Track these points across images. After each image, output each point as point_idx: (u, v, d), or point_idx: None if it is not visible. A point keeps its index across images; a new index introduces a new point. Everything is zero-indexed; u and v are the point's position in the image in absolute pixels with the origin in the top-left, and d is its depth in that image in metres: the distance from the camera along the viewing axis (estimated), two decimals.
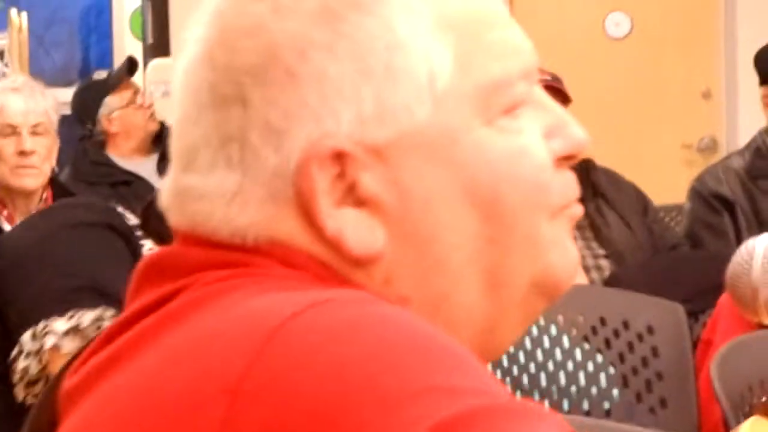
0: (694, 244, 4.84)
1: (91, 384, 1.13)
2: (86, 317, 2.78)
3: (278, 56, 1.15)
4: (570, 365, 3.54)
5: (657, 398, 3.57)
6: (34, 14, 9.01)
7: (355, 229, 1.14)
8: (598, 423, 3.14)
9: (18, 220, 4.57)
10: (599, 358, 3.56)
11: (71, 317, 2.81)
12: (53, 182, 4.78)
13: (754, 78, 5.50)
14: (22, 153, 4.56)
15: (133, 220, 3.09)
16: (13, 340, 2.87)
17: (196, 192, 1.17)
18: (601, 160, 5.01)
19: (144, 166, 6.26)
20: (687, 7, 7.89)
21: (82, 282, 2.84)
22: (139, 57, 8.11)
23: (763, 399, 2.76)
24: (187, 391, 1.03)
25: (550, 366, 3.56)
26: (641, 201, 4.85)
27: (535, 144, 1.20)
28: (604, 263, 4.36)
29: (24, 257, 2.93)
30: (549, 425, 0.98)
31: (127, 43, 9.52)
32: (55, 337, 2.78)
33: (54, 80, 8.80)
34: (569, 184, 1.23)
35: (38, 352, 2.77)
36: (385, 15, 1.16)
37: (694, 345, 3.69)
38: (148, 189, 6.03)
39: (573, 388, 3.51)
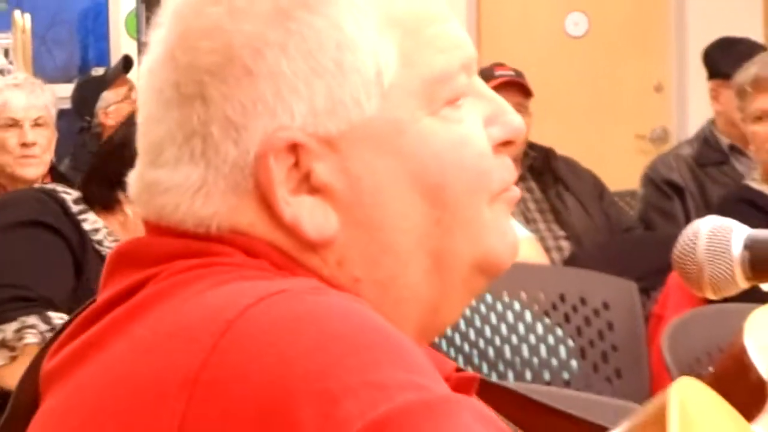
0: (647, 226, 4.86)
1: (66, 370, 1.13)
2: (9, 330, 2.71)
3: (235, 55, 1.15)
4: (532, 338, 3.54)
5: (612, 369, 3.57)
6: (36, 16, 8.99)
7: (311, 215, 1.15)
8: (559, 392, 3.14)
9: None
10: (559, 331, 3.57)
11: None
12: (52, 171, 4.78)
13: (702, 72, 5.53)
14: (24, 144, 4.58)
15: (73, 194, 2.97)
16: None
17: (163, 186, 1.17)
18: (561, 150, 5.03)
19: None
20: (640, 7, 7.95)
21: (3, 294, 2.75)
22: (134, 55, 8.12)
23: (710, 369, 2.76)
24: (151, 382, 1.03)
25: (514, 339, 3.55)
26: (598, 187, 4.87)
27: (475, 132, 1.21)
28: (564, 244, 4.36)
29: None
30: (471, 413, 0.98)
31: (122, 43, 9.49)
32: None
33: (55, 77, 8.76)
34: (507, 169, 1.24)
35: None
36: (333, 15, 1.16)
37: (647, 319, 3.71)
38: None
39: (535, 360, 3.52)
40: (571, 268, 3.92)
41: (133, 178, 1.22)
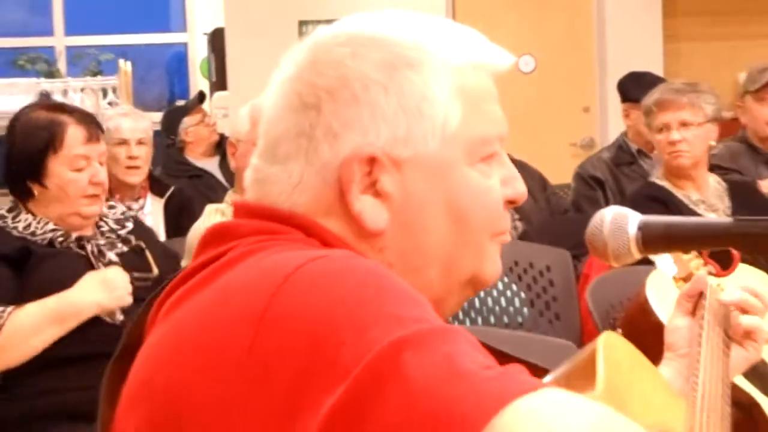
0: (577, 210, 4.82)
1: (166, 314, 1.13)
2: None
3: (349, 84, 1.17)
4: (495, 292, 3.53)
5: (553, 314, 3.57)
6: (136, 62, 8.94)
7: (371, 211, 1.16)
8: (514, 333, 3.15)
9: (126, 203, 4.57)
10: (515, 287, 3.55)
11: None
12: (150, 177, 4.77)
13: (617, 97, 5.50)
14: (131, 158, 4.54)
15: (4, 209, 2.82)
16: None
17: (273, 178, 1.19)
18: (515, 155, 4.99)
19: (210, 165, 6.26)
20: (572, 51, 7.86)
21: None
22: (207, 90, 8.12)
23: (621, 314, 2.76)
24: (229, 319, 1.03)
25: (482, 293, 3.53)
26: (542, 181, 4.83)
27: (496, 187, 1.22)
28: (518, 224, 4.34)
29: None
30: (466, 339, 0.99)
31: (198, 82, 9.45)
32: None
33: (150, 107, 8.78)
34: (507, 220, 1.25)
35: None
36: (425, 76, 1.18)
37: (578, 278, 3.71)
38: (213, 180, 6.05)
39: (497, 308, 3.50)
40: (523, 242, 3.91)
41: (250, 169, 1.23)
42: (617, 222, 1.28)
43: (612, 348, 1.21)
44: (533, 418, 0.90)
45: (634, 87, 5.09)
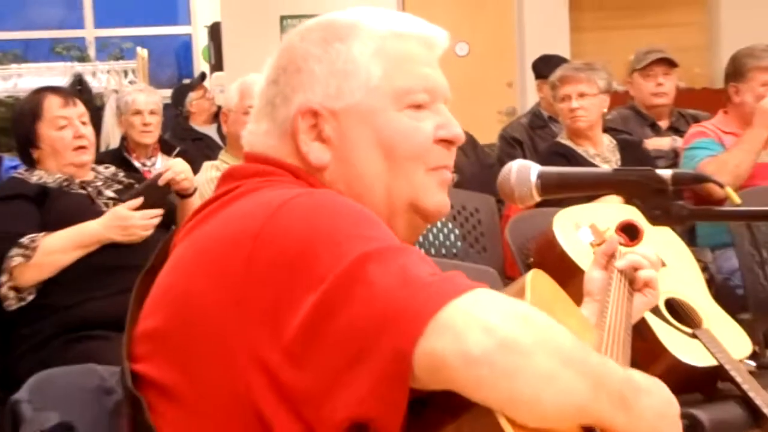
0: (501, 164, 4.73)
1: (184, 236, 1.16)
2: (13, 254, 2.58)
3: (295, 60, 1.21)
4: (434, 229, 3.52)
5: (481, 246, 3.55)
6: (151, 49, 8.88)
7: (316, 152, 1.19)
8: (451, 261, 3.15)
9: (141, 161, 4.52)
10: (450, 225, 3.55)
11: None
12: (160, 139, 4.73)
13: (532, 75, 5.51)
14: (144, 124, 4.51)
15: (33, 179, 2.80)
16: None
17: (253, 132, 1.24)
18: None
19: (209, 130, 6.26)
20: (497, 39, 7.88)
21: (4, 236, 2.62)
22: (207, 71, 8.14)
23: (534, 245, 2.77)
24: (232, 237, 1.06)
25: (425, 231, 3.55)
26: (473, 141, 4.81)
27: (426, 128, 1.20)
28: (454, 176, 4.34)
29: None
30: (419, 255, 1.03)
31: (200, 64, 9.43)
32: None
33: (162, 85, 8.70)
34: (445, 156, 1.23)
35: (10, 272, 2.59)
36: (350, 43, 1.20)
37: (501, 218, 3.71)
38: (212, 142, 6.01)
39: (437, 242, 3.50)
40: (456, 189, 3.90)
41: (245, 129, 1.26)
42: (521, 172, 1.27)
43: (537, 282, 1.21)
44: (470, 312, 0.92)
45: (544, 67, 5.10)
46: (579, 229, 2.38)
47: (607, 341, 1.28)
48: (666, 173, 1.19)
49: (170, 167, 2.86)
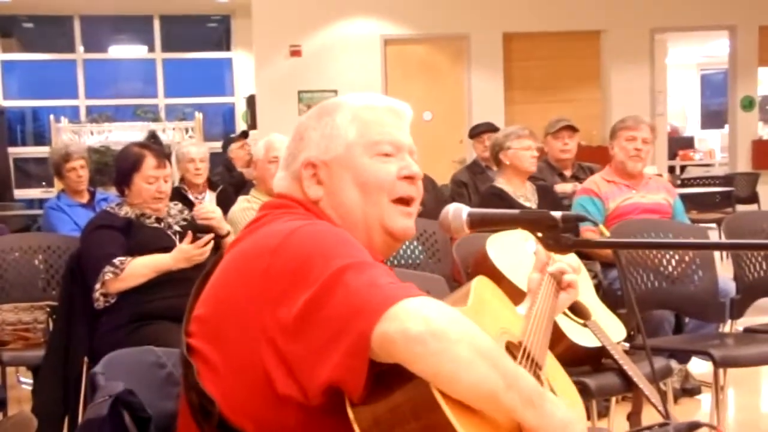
0: (453, 200, 4.75)
1: (229, 249, 1.15)
2: (107, 270, 2.57)
3: (300, 132, 1.23)
4: (404, 247, 3.48)
5: (437, 259, 3.45)
6: (206, 113, 8.90)
7: (314, 190, 1.19)
8: (410, 272, 3.13)
9: (194, 195, 4.48)
10: (415, 243, 3.50)
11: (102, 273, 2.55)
12: (208, 180, 4.67)
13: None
14: (197, 169, 4.46)
15: (120, 213, 2.75)
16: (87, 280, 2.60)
17: (278, 178, 1.24)
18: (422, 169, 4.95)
19: (246, 173, 6.19)
20: (453, 109, 7.88)
21: (101, 256, 2.59)
22: (247, 129, 8.05)
23: (473, 260, 2.74)
24: (258, 251, 1.06)
25: None
26: (433, 182, 4.76)
27: (390, 168, 1.18)
28: (420, 208, 4.30)
29: (83, 240, 2.68)
30: (382, 268, 1.03)
31: (240, 124, 9.41)
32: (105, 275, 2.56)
33: (213, 139, 8.72)
34: (408, 189, 1.20)
35: (103, 283, 2.57)
36: (335, 116, 1.20)
37: (451, 239, 3.64)
38: (249, 182, 5.96)
39: (405, 254, 3.43)
40: (420, 218, 3.89)
41: (275, 177, 1.25)
42: (455, 213, 1.26)
43: (480, 286, 1.20)
44: (414, 308, 0.93)
45: (474, 130, 5.28)
46: (527, 240, 2.37)
47: (531, 327, 1.25)
48: (557, 214, 1.19)
49: (199, 210, 2.89)
